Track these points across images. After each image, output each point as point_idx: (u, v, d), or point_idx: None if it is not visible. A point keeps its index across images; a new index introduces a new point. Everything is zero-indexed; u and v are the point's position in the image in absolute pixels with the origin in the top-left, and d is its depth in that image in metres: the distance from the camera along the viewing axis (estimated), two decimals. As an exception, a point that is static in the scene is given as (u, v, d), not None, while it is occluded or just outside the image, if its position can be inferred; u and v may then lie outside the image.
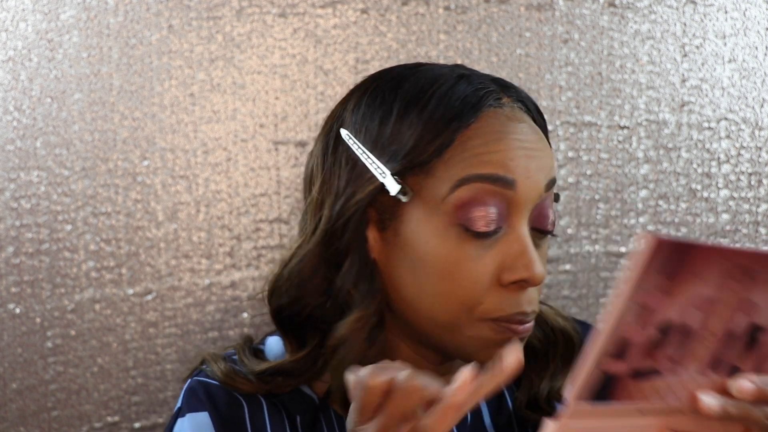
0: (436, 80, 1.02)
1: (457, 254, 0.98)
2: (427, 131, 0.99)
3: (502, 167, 0.97)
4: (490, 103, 0.99)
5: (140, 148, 1.36)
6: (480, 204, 0.97)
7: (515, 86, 1.03)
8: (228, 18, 1.37)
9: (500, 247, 0.98)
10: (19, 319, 1.35)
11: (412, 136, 0.99)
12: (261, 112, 1.38)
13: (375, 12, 1.39)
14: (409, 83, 1.02)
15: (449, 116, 0.99)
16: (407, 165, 0.99)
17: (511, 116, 0.99)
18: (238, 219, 1.38)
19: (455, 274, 0.98)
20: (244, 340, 1.09)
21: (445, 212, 0.98)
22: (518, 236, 0.98)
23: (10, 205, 1.34)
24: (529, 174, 0.98)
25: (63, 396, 1.36)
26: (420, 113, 1.00)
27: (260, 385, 1.03)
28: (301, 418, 1.05)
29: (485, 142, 0.98)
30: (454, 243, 0.98)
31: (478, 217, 0.97)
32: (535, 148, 0.99)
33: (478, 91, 1.00)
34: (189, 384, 1.06)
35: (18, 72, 1.34)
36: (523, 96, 1.03)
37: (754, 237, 1.45)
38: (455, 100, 0.99)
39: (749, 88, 1.43)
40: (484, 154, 0.98)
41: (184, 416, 1.03)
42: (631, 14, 1.41)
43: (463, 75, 1.02)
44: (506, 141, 0.98)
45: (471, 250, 0.98)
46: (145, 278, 1.37)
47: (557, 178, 1.41)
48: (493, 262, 0.98)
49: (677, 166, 1.43)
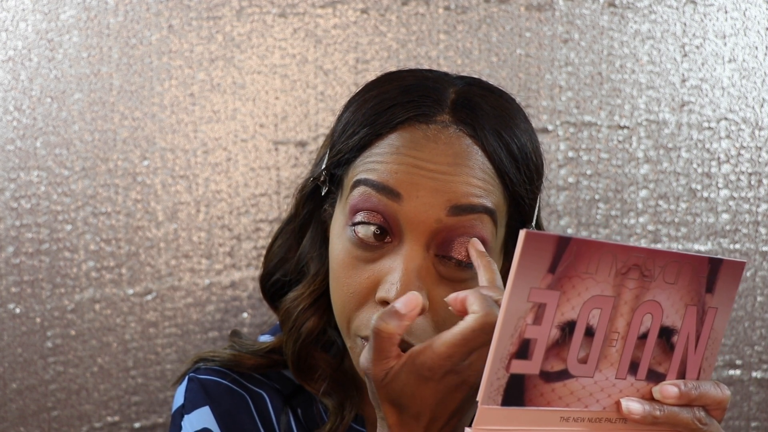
0: (384, 83, 1.02)
1: (344, 260, 0.98)
2: (347, 131, 1.01)
3: (387, 177, 0.96)
4: (411, 118, 0.97)
5: (140, 148, 1.36)
6: (365, 210, 0.96)
7: (478, 106, 0.99)
8: (228, 18, 1.37)
9: (384, 261, 0.96)
10: (19, 319, 1.35)
11: (339, 133, 1.02)
12: (261, 112, 1.38)
13: (375, 12, 1.39)
14: (373, 83, 1.04)
15: (366, 122, 0.99)
16: (333, 159, 1.01)
17: (431, 136, 0.97)
18: (238, 219, 1.38)
19: (341, 278, 0.98)
20: (233, 333, 1.13)
21: (345, 213, 0.99)
22: (401, 254, 0.95)
23: (10, 205, 1.34)
24: (418, 192, 0.95)
25: (63, 396, 1.36)
26: (354, 111, 1.01)
27: (261, 360, 1.07)
28: (302, 411, 1.07)
29: (384, 152, 0.97)
30: (346, 247, 0.98)
31: (361, 222, 0.96)
32: (436, 170, 0.96)
33: (406, 103, 0.99)
34: (188, 381, 1.07)
35: (18, 72, 1.34)
36: (482, 120, 0.98)
37: (754, 237, 1.45)
38: (380, 108, 0.99)
39: (749, 88, 1.43)
40: (378, 162, 0.97)
41: (190, 413, 1.04)
42: (631, 14, 1.41)
43: (419, 83, 1.01)
44: (400, 156, 0.96)
45: (355, 259, 0.97)
46: (145, 278, 1.37)
47: (557, 177, 1.41)
48: (373, 275, 0.96)
49: (677, 166, 1.43)
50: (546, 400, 0.78)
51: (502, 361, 0.76)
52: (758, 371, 1.46)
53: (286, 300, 1.07)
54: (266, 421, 1.06)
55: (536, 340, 0.76)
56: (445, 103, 0.99)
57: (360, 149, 0.98)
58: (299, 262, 1.09)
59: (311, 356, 1.06)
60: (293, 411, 1.07)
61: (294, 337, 1.05)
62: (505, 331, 0.75)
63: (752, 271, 1.45)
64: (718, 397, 0.84)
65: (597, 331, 0.78)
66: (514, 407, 0.77)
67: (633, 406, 0.80)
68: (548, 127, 1.41)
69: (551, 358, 0.77)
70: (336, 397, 1.05)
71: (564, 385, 0.78)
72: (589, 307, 0.77)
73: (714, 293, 0.82)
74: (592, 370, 0.79)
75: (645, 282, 0.79)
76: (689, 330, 0.82)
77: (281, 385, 1.08)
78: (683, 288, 0.81)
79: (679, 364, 0.82)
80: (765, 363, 1.46)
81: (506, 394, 0.76)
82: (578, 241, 0.75)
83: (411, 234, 0.95)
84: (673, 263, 0.79)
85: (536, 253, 0.74)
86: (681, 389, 0.82)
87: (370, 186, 0.96)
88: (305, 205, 1.06)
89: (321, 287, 1.05)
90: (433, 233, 0.95)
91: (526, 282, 0.74)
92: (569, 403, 0.79)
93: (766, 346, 1.46)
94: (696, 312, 0.82)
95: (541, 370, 0.77)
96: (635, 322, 0.79)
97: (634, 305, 0.79)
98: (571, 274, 0.76)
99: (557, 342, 0.77)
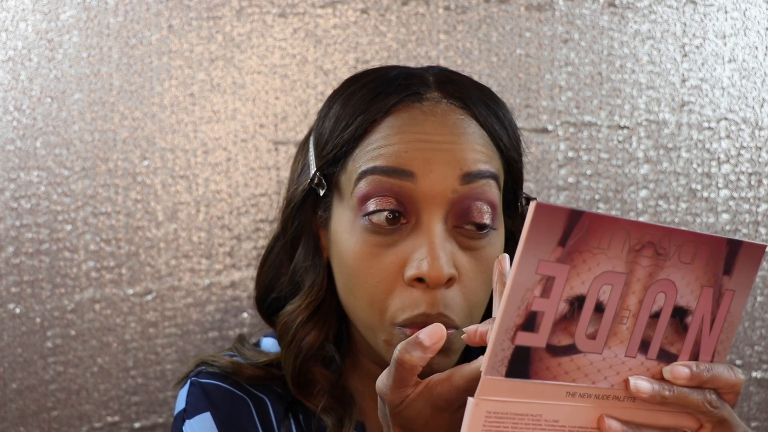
0: (365, 76, 1.03)
1: (362, 250, 0.97)
2: (339, 126, 1.00)
3: (397, 159, 0.96)
4: (403, 98, 0.99)
5: (140, 148, 1.36)
6: (377, 197, 0.96)
7: (459, 81, 1.02)
8: (228, 18, 1.37)
9: (405, 243, 0.96)
10: (19, 319, 1.35)
11: (329, 130, 1.01)
12: (261, 112, 1.38)
13: (375, 12, 1.39)
14: (349, 82, 1.04)
15: (359, 112, 0.99)
16: (327, 158, 1.01)
17: (427, 111, 0.98)
18: (238, 219, 1.38)
19: (362, 271, 0.97)
20: (238, 338, 1.11)
21: (352, 207, 0.98)
22: (422, 231, 0.96)
23: (10, 205, 1.34)
24: (431, 167, 0.96)
25: (63, 396, 1.36)
26: (341, 108, 1.01)
27: (260, 372, 1.06)
28: (304, 417, 1.06)
29: (385, 135, 0.97)
30: (360, 239, 0.97)
31: (375, 211, 0.96)
32: (443, 141, 0.97)
33: (395, 87, 0.99)
34: (190, 385, 1.06)
35: (18, 72, 1.34)
36: (467, 92, 1.01)
37: (754, 237, 1.45)
38: (370, 95, 1.00)
39: (749, 88, 1.43)
40: (381, 147, 0.97)
41: (192, 418, 1.04)
42: (631, 14, 1.41)
43: (398, 72, 1.02)
44: (405, 134, 0.97)
45: (374, 246, 0.96)
46: (145, 278, 1.37)
47: (557, 177, 1.41)
48: (397, 258, 0.96)
49: (677, 166, 1.43)
50: (552, 374, 0.77)
51: (507, 333, 0.75)
52: (758, 371, 1.46)
53: (282, 314, 1.06)
54: (267, 426, 1.05)
55: (543, 313, 0.75)
56: (430, 83, 1.01)
57: (357, 140, 0.98)
58: (293, 275, 1.07)
59: (310, 371, 1.04)
60: (295, 417, 1.06)
61: (294, 353, 1.04)
62: (511, 303, 0.74)
63: (752, 271, 1.45)
64: (731, 381, 0.82)
65: (607, 307, 0.77)
66: (519, 379, 0.76)
67: (642, 385, 0.79)
68: (548, 127, 1.41)
69: (559, 332, 0.76)
70: (335, 414, 1.04)
71: (571, 360, 0.77)
72: (599, 283, 0.76)
73: (732, 275, 0.81)
74: (601, 347, 0.78)
75: (659, 260, 0.77)
76: (704, 311, 0.81)
77: (283, 390, 1.07)
78: (699, 268, 0.79)
79: (693, 346, 0.81)
80: (765, 363, 1.46)
81: (511, 365, 0.76)
82: (591, 216, 0.74)
83: (428, 209, 0.96)
84: (690, 243, 0.78)
85: (546, 226, 0.73)
86: (693, 370, 0.80)
87: (379, 173, 0.96)
88: (295, 219, 1.05)
89: (318, 298, 1.04)
90: (449, 204, 0.96)
91: (534, 254, 0.74)
92: (576, 378, 0.78)
93: (766, 346, 1.46)
94: (712, 293, 0.80)
95: (548, 343, 0.76)
96: (647, 301, 0.78)
97: (646, 283, 0.78)
98: (582, 248, 0.75)
99: (565, 316, 0.76)
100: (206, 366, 1.07)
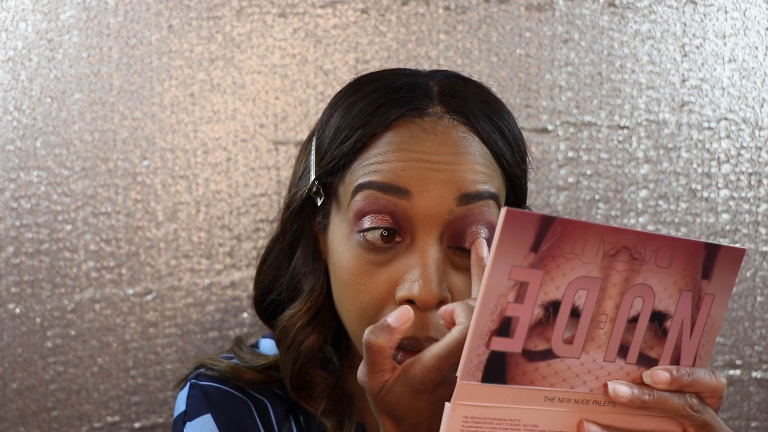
0: (369, 84, 1.01)
1: (355, 267, 0.96)
2: (338, 137, 0.99)
3: (393, 176, 0.95)
4: (405, 113, 0.97)
5: (140, 148, 1.36)
6: (372, 213, 0.95)
7: (464, 93, 1.00)
8: (228, 18, 1.37)
9: (399, 262, 0.95)
10: (19, 319, 1.35)
11: (329, 140, 1.00)
12: (261, 112, 1.38)
13: (375, 12, 1.39)
14: (352, 87, 1.02)
15: (359, 125, 0.98)
16: (325, 168, 0.99)
17: (428, 128, 0.97)
18: (238, 219, 1.38)
19: (355, 286, 0.96)
20: (236, 341, 1.11)
21: (349, 221, 0.97)
22: (416, 251, 0.94)
23: (10, 205, 1.34)
24: (427, 186, 0.94)
25: (63, 396, 1.36)
26: (342, 118, 1.00)
27: (259, 376, 1.06)
28: (304, 419, 1.06)
29: (383, 152, 0.96)
30: (354, 254, 0.96)
31: (371, 228, 0.95)
32: (441, 161, 0.95)
33: (397, 100, 0.98)
34: (189, 387, 1.06)
35: (18, 72, 1.34)
36: (471, 107, 0.99)
37: (754, 237, 1.45)
38: (372, 107, 0.98)
39: (749, 88, 1.43)
40: (379, 163, 0.96)
41: (192, 420, 1.04)
42: (631, 14, 1.41)
43: (403, 83, 1.00)
44: (403, 152, 0.95)
45: (368, 263, 0.96)
46: (145, 278, 1.37)
47: (557, 177, 1.41)
48: (389, 277, 0.95)
49: (677, 166, 1.43)
50: (529, 378, 0.77)
51: (482, 338, 0.75)
52: (758, 371, 1.46)
53: (282, 318, 1.05)
54: (269, 428, 1.05)
55: (518, 318, 0.75)
56: (433, 95, 0.99)
57: (355, 153, 0.97)
58: (292, 279, 1.07)
59: (309, 374, 1.04)
60: (295, 419, 1.06)
61: (293, 356, 1.03)
62: (485, 308, 0.74)
63: (752, 271, 1.45)
64: (713, 385, 0.82)
65: (583, 312, 0.77)
66: (495, 384, 0.76)
67: (620, 389, 0.79)
68: (548, 127, 1.41)
69: (535, 337, 0.76)
70: (335, 417, 1.04)
71: (548, 364, 0.77)
72: (574, 288, 0.76)
73: (711, 279, 0.81)
74: (579, 352, 0.78)
75: (635, 265, 0.78)
76: (684, 316, 0.81)
77: (283, 393, 1.07)
78: (677, 273, 0.79)
79: (673, 350, 0.81)
80: (765, 363, 1.46)
81: (486, 370, 0.76)
82: (563, 221, 0.75)
83: (423, 229, 0.95)
84: (666, 247, 0.78)
85: (518, 231, 0.73)
86: (672, 374, 0.80)
87: (375, 188, 0.95)
88: (294, 222, 1.04)
89: (317, 303, 1.04)
90: (445, 225, 0.95)
91: (507, 259, 0.74)
92: (554, 383, 0.78)
93: (766, 346, 1.46)
94: (691, 298, 0.81)
95: (524, 348, 0.76)
96: (625, 305, 0.78)
97: (623, 288, 0.78)
98: (555, 253, 0.75)
99: (541, 321, 0.76)
100: (205, 369, 1.07)
